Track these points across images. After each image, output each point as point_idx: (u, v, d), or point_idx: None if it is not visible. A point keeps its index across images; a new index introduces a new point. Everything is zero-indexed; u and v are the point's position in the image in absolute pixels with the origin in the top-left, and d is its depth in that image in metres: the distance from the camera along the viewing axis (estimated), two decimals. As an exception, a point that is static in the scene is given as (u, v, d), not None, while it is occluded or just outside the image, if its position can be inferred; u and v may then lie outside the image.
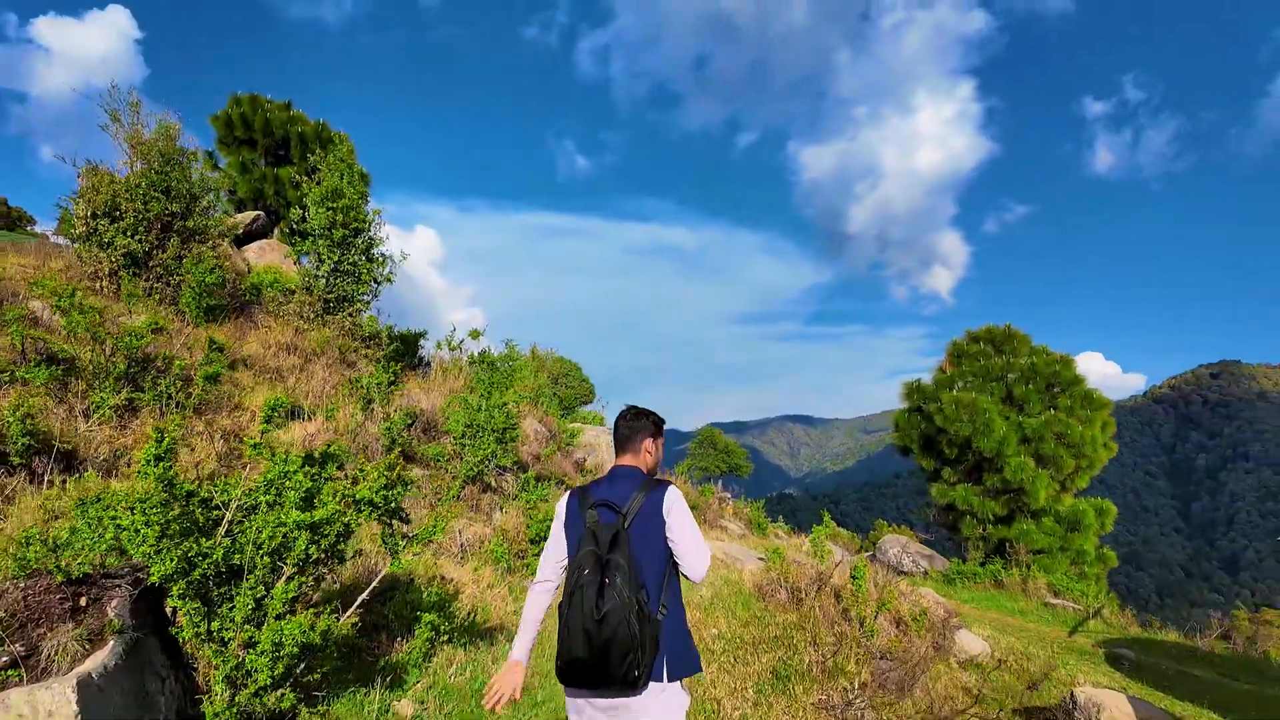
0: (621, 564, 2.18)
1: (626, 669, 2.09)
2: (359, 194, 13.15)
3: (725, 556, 9.85)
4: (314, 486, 3.07)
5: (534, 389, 13.99)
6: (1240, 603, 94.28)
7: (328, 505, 3.00)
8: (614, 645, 2.07)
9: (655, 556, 2.33)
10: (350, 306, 12.76)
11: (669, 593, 2.34)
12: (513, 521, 7.10)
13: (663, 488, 2.44)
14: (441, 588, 5.25)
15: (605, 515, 2.35)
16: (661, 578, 2.33)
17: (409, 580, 4.94)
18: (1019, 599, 14.02)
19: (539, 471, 10.51)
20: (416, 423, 8.28)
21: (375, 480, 3.37)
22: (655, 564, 2.33)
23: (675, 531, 2.35)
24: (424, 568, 5.61)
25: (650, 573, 2.30)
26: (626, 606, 2.10)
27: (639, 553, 2.29)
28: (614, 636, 2.07)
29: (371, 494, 3.22)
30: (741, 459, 43.52)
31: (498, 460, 7.52)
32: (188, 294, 8.58)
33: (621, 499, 2.38)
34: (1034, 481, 14.92)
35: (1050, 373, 15.76)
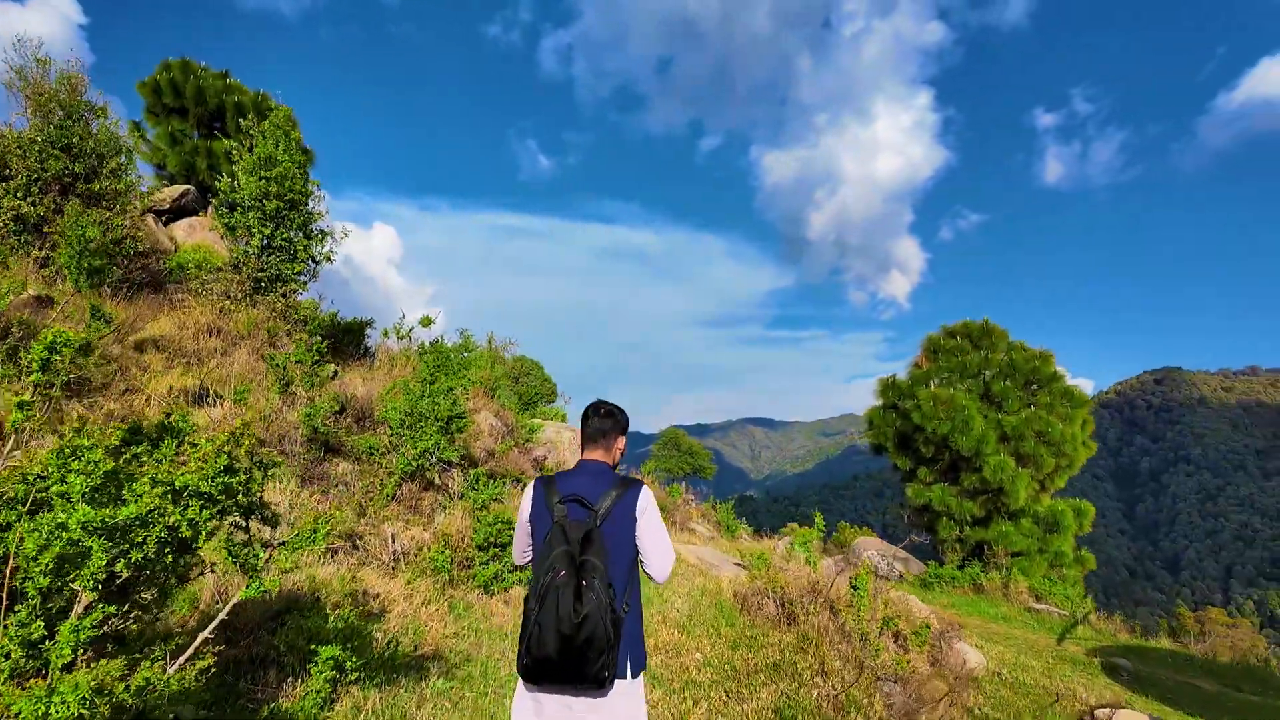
0: (598, 566, 2.14)
1: (599, 669, 2.08)
2: (296, 163, 11.88)
3: (699, 562, 8.91)
4: (117, 470, 2.02)
5: (490, 380, 12.88)
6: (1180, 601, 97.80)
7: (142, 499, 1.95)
8: (591, 646, 2.05)
9: (624, 555, 2.32)
10: (284, 287, 11.50)
11: (633, 591, 2.33)
12: (457, 524, 6.04)
13: (636, 487, 2.41)
14: (358, 608, 4.19)
15: (576, 511, 2.30)
16: (628, 576, 2.32)
17: (314, 599, 3.88)
18: (1000, 604, 13.44)
19: (492, 469, 9.43)
20: (348, 411, 7.16)
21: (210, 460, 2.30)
22: (623, 563, 2.31)
23: (645, 533, 2.35)
24: (340, 582, 4.53)
25: (618, 571, 2.28)
26: (604, 608, 2.08)
27: (609, 549, 2.25)
28: (592, 637, 2.05)
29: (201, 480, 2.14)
30: (705, 460, 42.91)
31: (442, 454, 6.46)
32: (66, 251, 7.28)
33: (593, 495, 2.34)
34: (1014, 481, 14.37)
35: (1029, 369, 15.27)
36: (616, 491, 2.34)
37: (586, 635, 2.05)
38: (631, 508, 2.35)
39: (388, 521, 6.08)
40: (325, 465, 6.20)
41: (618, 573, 2.27)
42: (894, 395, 16.47)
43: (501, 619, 5.29)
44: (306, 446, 6.10)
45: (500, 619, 5.29)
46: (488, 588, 5.61)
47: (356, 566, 5.20)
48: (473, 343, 14.81)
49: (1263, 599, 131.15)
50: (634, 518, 2.34)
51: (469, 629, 4.99)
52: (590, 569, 2.13)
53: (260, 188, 11.26)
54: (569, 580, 2.10)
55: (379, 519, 6.07)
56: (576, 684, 2.11)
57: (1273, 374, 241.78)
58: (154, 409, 6.49)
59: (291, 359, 6.46)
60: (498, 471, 9.36)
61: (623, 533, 2.32)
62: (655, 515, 2.39)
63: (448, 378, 6.99)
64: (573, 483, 2.40)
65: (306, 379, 6.67)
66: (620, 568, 2.29)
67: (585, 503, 2.31)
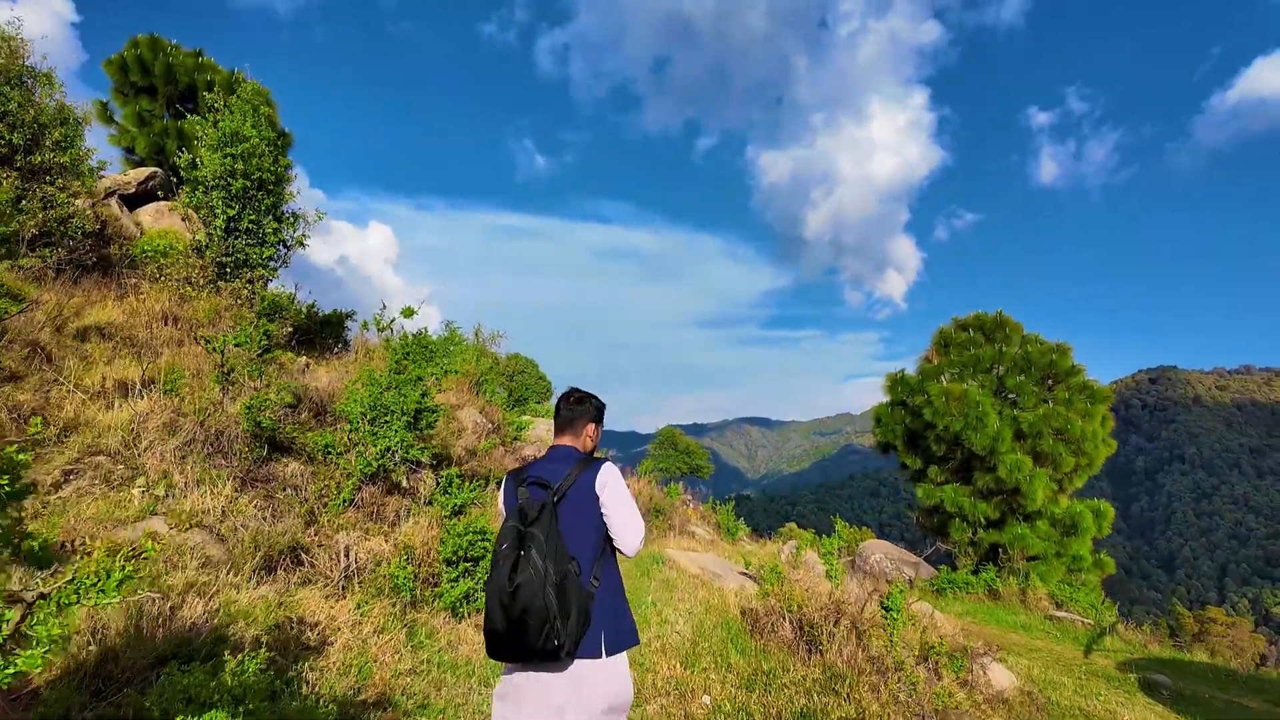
0: (537, 536, 2.13)
1: (544, 640, 2.05)
2: (265, 140, 10.99)
3: (701, 572, 8.07)
4: None
5: (475, 374, 12.03)
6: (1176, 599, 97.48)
7: None
8: (529, 616, 2.04)
9: (588, 530, 2.32)
10: (251, 272, 10.63)
11: (603, 566, 2.33)
12: (423, 534, 5.20)
13: (597, 464, 2.40)
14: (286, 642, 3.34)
15: (536, 493, 2.33)
16: (596, 551, 2.31)
17: (217, 637, 3.03)
18: (1019, 611, 12.67)
19: (473, 469, 8.58)
20: (304, 404, 6.31)
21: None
22: (588, 537, 2.31)
23: (609, 506, 2.34)
24: (265, 609, 3.68)
25: (583, 545, 2.28)
26: (540, 578, 2.07)
27: (570, 526, 2.27)
28: (528, 608, 2.04)
29: None
30: (703, 460, 42.19)
31: (406, 453, 5.61)
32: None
33: (555, 477, 2.35)
34: (1031, 481, 13.57)
35: (1045, 362, 14.47)
36: (577, 470, 2.35)
37: (523, 605, 2.03)
38: (591, 484, 2.34)
39: (343, 531, 5.24)
40: (272, 466, 5.36)
41: (584, 547, 2.27)
42: (902, 391, 15.65)
43: (470, 649, 4.45)
44: (249, 444, 5.25)
45: (469, 649, 4.45)
46: (456, 610, 4.77)
47: (297, 587, 4.35)
48: (459, 335, 13.97)
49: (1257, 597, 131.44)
50: (595, 494, 2.34)
51: (430, 662, 4.15)
52: (529, 539, 2.12)
53: (225, 165, 10.38)
54: (510, 552, 2.12)
55: (333, 528, 5.23)
56: (527, 658, 2.10)
57: (1267, 373, 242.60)
58: (75, 402, 5.63)
59: (230, 341, 5.59)
60: (479, 472, 8.51)
61: (584, 509, 2.32)
62: (618, 489, 2.36)
63: (416, 366, 6.14)
64: (538, 468, 2.43)
65: (253, 367, 5.81)
66: (586, 542, 2.29)
67: (545, 484, 2.32)
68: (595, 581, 2.26)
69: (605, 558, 2.36)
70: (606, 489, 2.35)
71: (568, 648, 2.09)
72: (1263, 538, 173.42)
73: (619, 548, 2.37)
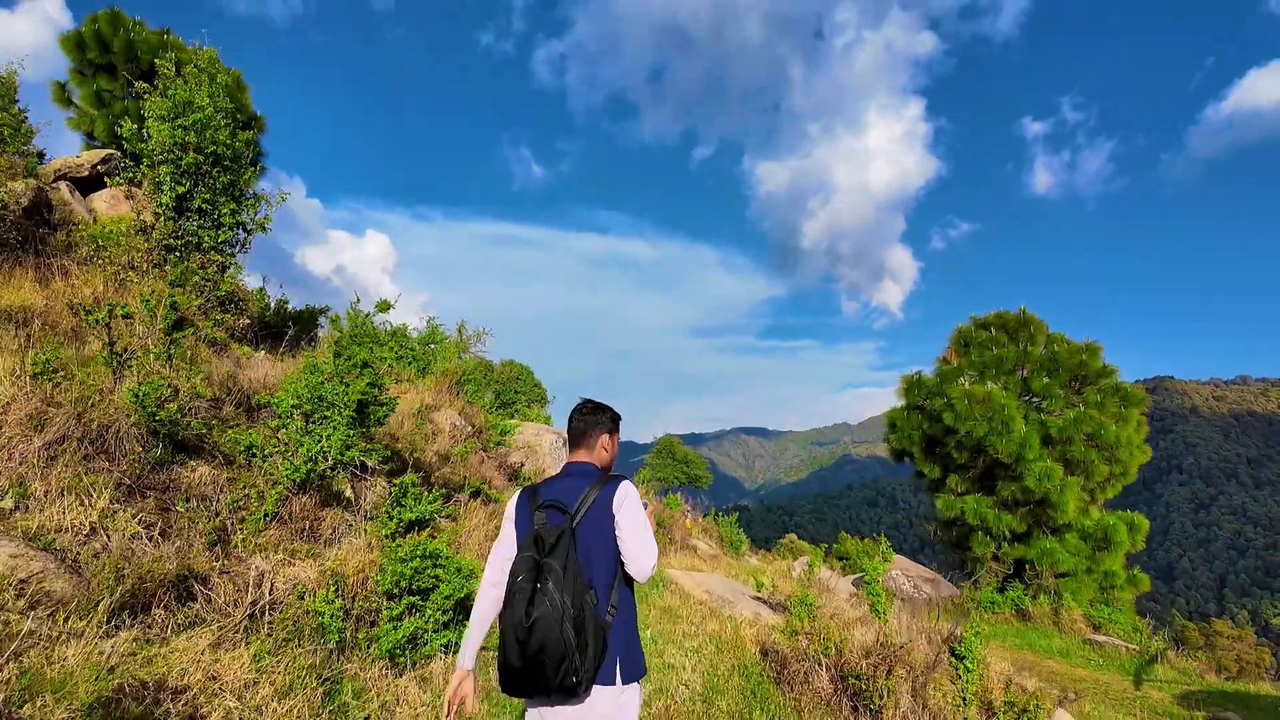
0: (555, 568, 2.01)
1: (562, 677, 1.96)
2: (222, 111, 9.91)
3: (709, 597, 6.93)
4: None
5: (456, 372, 10.91)
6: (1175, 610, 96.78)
7: None
8: (545, 653, 1.93)
9: (605, 555, 2.19)
10: (201, 257, 9.52)
11: (620, 593, 2.21)
12: (359, 558, 4.08)
13: (615, 483, 2.26)
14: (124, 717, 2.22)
15: (554, 517, 2.20)
16: (613, 577, 2.20)
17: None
18: (1052, 634, 11.55)
19: (446, 476, 7.45)
20: (230, 397, 5.20)
21: None
22: (606, 563, 2.19)
23: (623, 529, 2.20)
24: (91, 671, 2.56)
25: (601, 572, 2.17)
26: (558, 612, 1.95)
27: (588, 552, 2.16)
28: (545, 644, 1.93)
29: None
30: (701, 469, 41.16)
31: (347, 454, 4.49)
32: None
33: (571, 498, 2.22)
34: (1062, 491, 12.47)
35: (1074, 363, 13.40)
36: (594, 490, 2.22)
37: (539, 642, 1.92)
38: (608, 504, 2.21)
39: (262, 553, 4.11)
40: (174, 471, 4.25)
41: (601, 574, 2.17)
42: (919, 394, 14.57)
43: (411, 713, 3.32)
44: (144, 443, 4.14)
45: (408, 713, 3.32)
46: (396, 658, 3.64)
47: (177, 632, 3.22)
48: (441, 333, 12.85)
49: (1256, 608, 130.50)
50: (612, 513, 2.21)
51: (352, 736, 3.02)
52: (547, 571, 2.00)
53: (174, 136, 9.29)
54: (526, 585, 2.00)
55: (249, 549, 4.10)
56: (545, 694, 1.99)
57: (1263, 383, 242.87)
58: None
59: (117, 310, 4.48)
60: (452, 481, 7.38)
61: (602, 532, 2.20)
62: (634, 509, 2.22)
63: (365, 349, 5.03)
64: (554, 488, 2.29)
65: (159, 349, 4.70)
66: (604, 569, 2.18)
67: (562, 506, 2.19)
68: (612, 610, 2.16)
69: (620, 583, 2.22)
70: (622, 509, 2.21)
71: (585, 683, 1.99)
72: (1261, 548, 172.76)
73: (630, 572, 2.21)
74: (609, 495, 2.22)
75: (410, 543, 3.89)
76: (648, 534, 2.23)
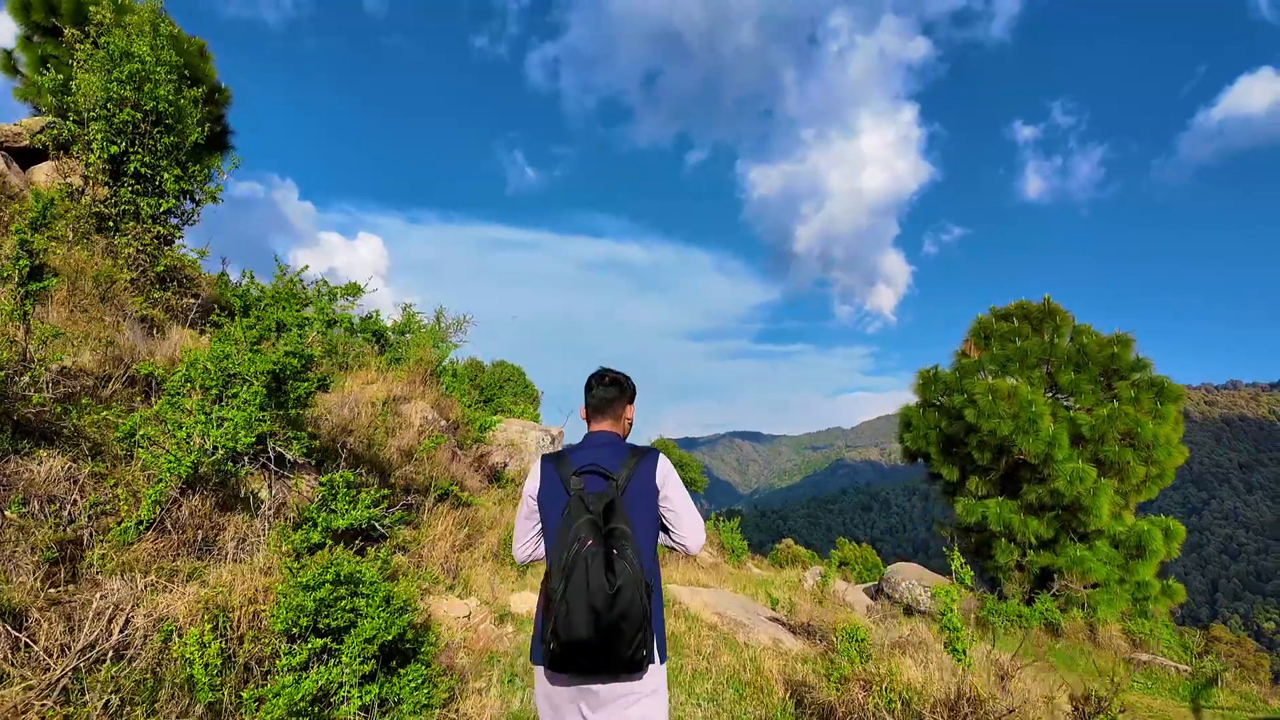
0: (628, 533, 1.91)
1: (635, 649, 1.85)
2: (167, 65, 8.76)
3: (719, 620, 5.81)
4: None
5: (431, 362, 9.79)
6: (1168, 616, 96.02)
7: None
8: (626, 622, 1.81)
9: (648, 525, 2.10)
10: (137, 227, 8.38)
11: (654, 565, 2.10)
12: (247, 585, 2.95)
13: (654, 456, 2.17)
14: None
15: (594, 483, 2.07)
16: (653, 549, 2.11)
17: None
18: (1088, 651, 10.49)
19: (409, 476, 6.32)
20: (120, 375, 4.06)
21: None
22: (648, 535, 2.09)
23: (672, 502, 2.13)
24: None
25: (645, 545, 2.05)
26: (639, 579, 1.85)
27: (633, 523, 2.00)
28: (627, 612, 1.81)
29: None
30: (697, 473, 40.18)
31: (230, 441, 3.34)
32: None
33: (611, 464, 2.11)
34: (1094, 495, 11.44)
35: (1104, 356, 12.38)
36: (634, 460, 2.12)
37: (622, 610, 1.81)
38: (651, 477, 2.11)
39: (126, 575, 2.99)
40: (12, 463, 3.14)
41: (644, 547, 2.02)
42: (936, 390, 13.53)
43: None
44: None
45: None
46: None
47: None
48: (417, 321, 11.73)
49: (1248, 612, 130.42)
50: (656, 488, 2.12)
51: None
52: (621, 536, 1.90)
53: (109, 90, 8.15)
54: (597, 549, 1.86)
55: (108, 569, 2.98)
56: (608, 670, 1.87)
57: (1254, 388, 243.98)
58: None
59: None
60: (414, 482, 6.26)
61: (644, 505, 2.09)
62: (678, 482, 2.18)
63: (288, 311, 3.92)
64: (586, 455, 2.15)
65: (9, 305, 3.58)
66: (646, 541, 2.06)
67: (605, 473, 2.08)
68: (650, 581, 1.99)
69: (656, 556, 2.12)
70: (668, 483, 2.14)
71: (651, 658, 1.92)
72: (1253, 553, 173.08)
73: (682, 546, 2.17)
74: (651, 468, 2.12)
75: (319, 562, 2.78)
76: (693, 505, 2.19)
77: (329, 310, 4.92)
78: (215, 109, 13.23)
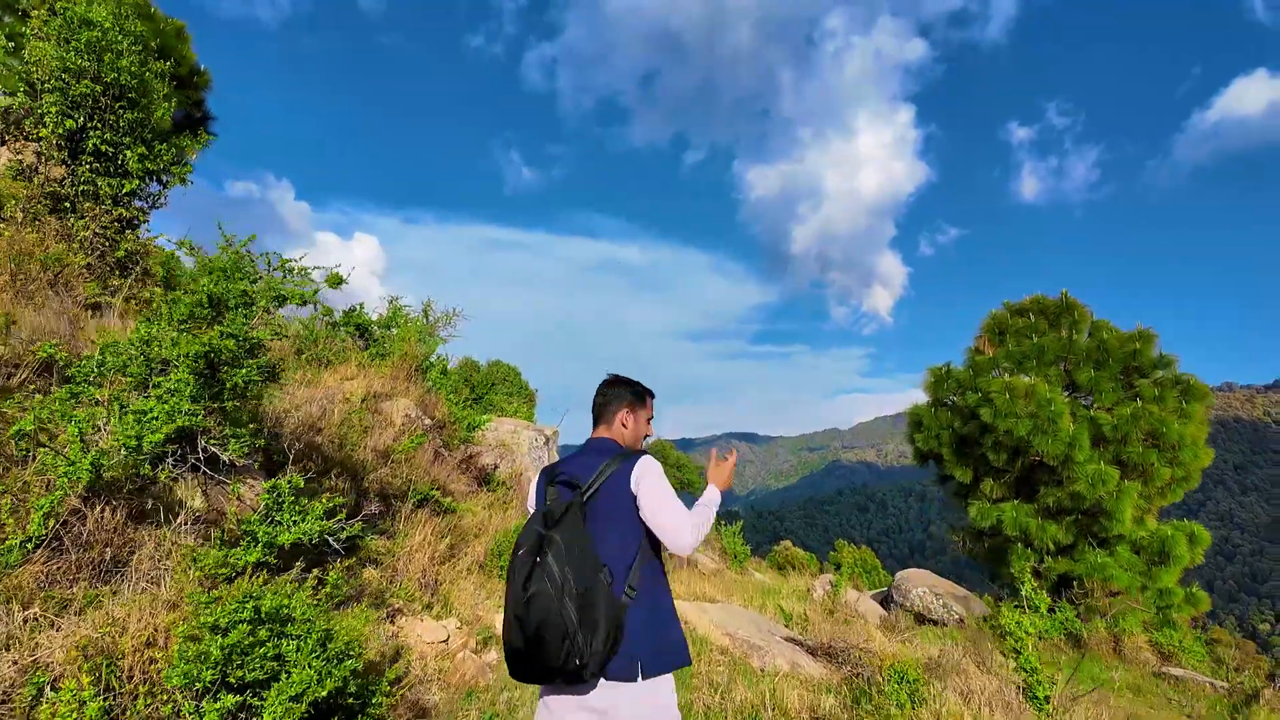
0: (557, 540, 1.85)
1: (565, 658, 1.76)
2: (131, 36, 8.12)
3: (730, 642, 5.19)
4: None
5: (417, 357, 9.15)
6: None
7: None
8: (545, 630, 1.76)
9: (623, 532, 2.02)
10: (96, 208, 7.74)
11: (642, 573, 2.01)
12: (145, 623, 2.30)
13: (632, 460, 2.09)
14: None
15: (565, 493, 2.07)
16: (633, 556, 2.01)
17: None
18: (1114, 664, 9.91)
19: (384, 480, 5.68)
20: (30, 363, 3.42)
21: None
22: (622, 540, 2.01)
23: (647, 503, 2.02)
24: None
25: (617, 550, 1.99)
26: (558, 587, 1.78)
27: (603, 528, 1.99)
28: (544, 620, 1.76)
29: None
30: (694, 474, 39.72)
31: (159, 437, 2.73)
32: None
33: (586, 472, 2.08)
34: (1117, 498, 10.86)
35: (1126, 353, 11.81)
36: (610, 467, 2.05)
37: (539, 618, 1.77)
38: (625, 480, 2.04)
39: (5, 607, 2.36)
40: None
41: (615, 552, 1.98)
42: (949, 388, 12.93)
43: None
44: None
45: None
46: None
47: None
48: (404, 314, 11.09)
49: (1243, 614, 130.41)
50: (630, 490, 2.03)
51: None
52: (548, 544, 1.85)
53: (65, 60, 7.49)
54: (526, 559, 1.85)
55: (-21, 602, 2.34)
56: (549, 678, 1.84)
57: (1249, 390, 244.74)
58: None
59: None
60: (390, 488, 5.62)
61: (620, 509, 2.03)
62: (656, 483, 2.05)
63: (223, 283, 3.29)
64: (571, 464, 2.16)
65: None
66: (619, 546, 2.00)
67: (575, 482, 2.06)
68: (631, 591, 1.95)
69: (647, 564, 2.04)
70: (642, 484, 2.03)
71: (593, 667, 1.79)
72: (1248, 554, 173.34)
73: (670, 548, 2.03)
74: (627, 470, 2.05)
75: (235, 594, 2.14)
76: (677, 504, 2.05)
77: (278, 286, 4.28)
78: (194, 92, 12.57)
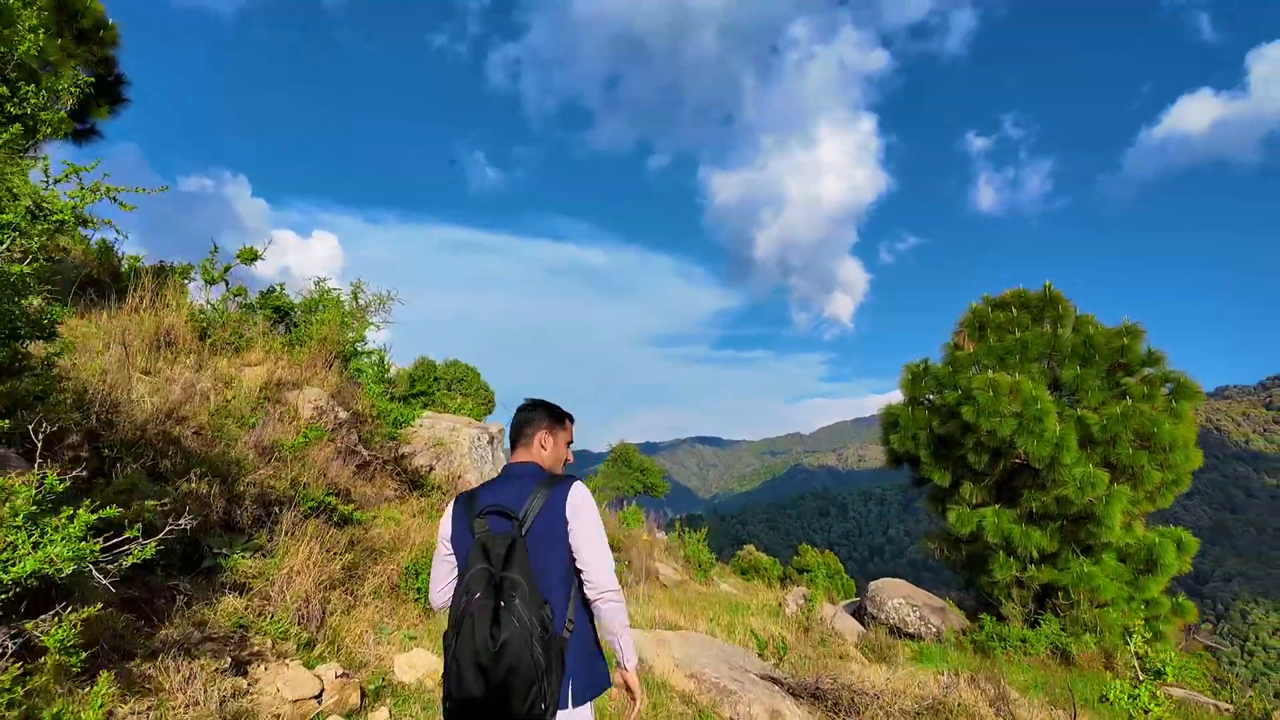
0: (519, 582, 1.76)
1: (531, 704, 1.68)
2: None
3: (695, 683, 4.14)
4: None
5: (337, 343, 7.94)
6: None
7: None
8: (515, 677, 1.67)
9: (559, 565, 1.92)
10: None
11: (575, 605, 1.93)
12: None
13: (565, 485, 1.99)
14: None
15: (497, 524, 1.91)
16: (568, 588, 1.93)
17: None
18: (1108, 684, 9.15)
19: (265, 483, 4.51)
20: None
21: None
22: (559, 573, 1.92)
23: (579, 539, 1.94)
24: None
25: (555, 584, 1.90)
26: (526, 632, 1.70)
27: (543, 563, 1.88)
28: (516, 667, 1.67)
29: None
30: (658, 478, 38.70)
31: None
32: None
33: (516, 502, 1.95)
34: (1106, 502, 10.17)
35: (1113, 349, 11.17)
36: (543, 492, 1.95)
37: (508, 665, 1.68)
38: (560, 508, 1.94)
39: None
40: None
41: (556, 586, 1.89)
42: (927, 386, 12.16)
43: None
44: None
45: None
46: None
47: None
48: (331, 294, 9.84)
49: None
50: (565, 520, 1.93)
51: None
52: (510, 586, 1.75)
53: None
54: (485, 602, 1.74)
55: None
56: None
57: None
58: None
59: None
60: (272, 492, 4.45)
61: (554, 541, 1.92)
62: (590, 516, 1.97)
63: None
64: (495, 492, 2.00)
65: None
66: (558, 580, 1.91)
67: (508, 512, 1.92)
68: (570, 626, 1.88)
69: (577, 595, 1.96)
70: (577, 516, 1.94)
71: (552, 709, 1.73)
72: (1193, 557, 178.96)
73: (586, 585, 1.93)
74: (560, 498, 1.94)
75: None
76: (604, 544, 1.97)
77: (38, 195, 3.16)
78: (99, 49, 11.16)
